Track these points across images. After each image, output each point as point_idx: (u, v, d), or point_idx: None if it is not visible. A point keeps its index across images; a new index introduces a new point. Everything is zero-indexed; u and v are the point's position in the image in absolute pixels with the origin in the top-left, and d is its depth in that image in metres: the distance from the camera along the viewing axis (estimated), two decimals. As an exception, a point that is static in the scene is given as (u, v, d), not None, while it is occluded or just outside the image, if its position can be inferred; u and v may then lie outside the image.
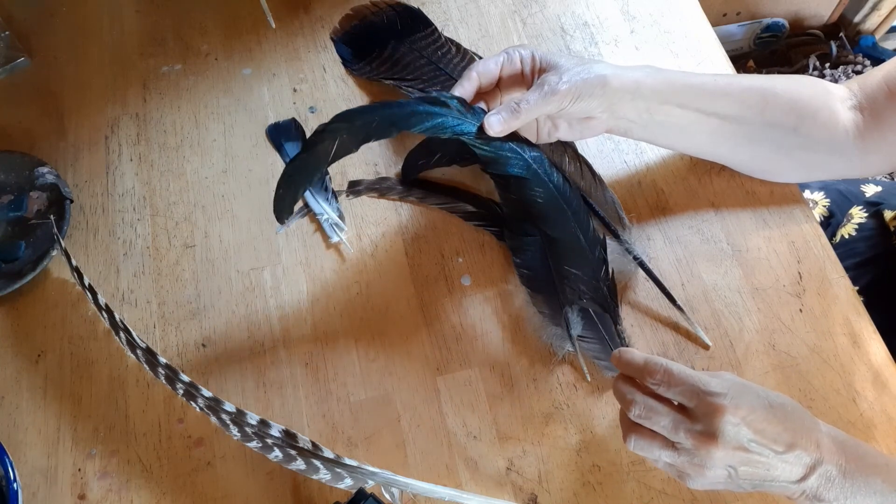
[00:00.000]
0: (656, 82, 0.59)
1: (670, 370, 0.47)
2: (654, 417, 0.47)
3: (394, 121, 0.55)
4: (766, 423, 0.46)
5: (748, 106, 0.60)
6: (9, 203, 0.69)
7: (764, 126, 0.61)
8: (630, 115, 0.59)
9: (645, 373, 0.48)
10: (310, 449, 0.54)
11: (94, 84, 0.77)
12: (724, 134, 0.61)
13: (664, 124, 0.60)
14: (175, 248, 0.68)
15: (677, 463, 0.47)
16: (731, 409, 0.45)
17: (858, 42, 1.60)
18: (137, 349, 0.59)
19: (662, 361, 0.48)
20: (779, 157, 0.63)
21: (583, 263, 0.61)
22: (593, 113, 0.59)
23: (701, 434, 0.45)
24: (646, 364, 0.48)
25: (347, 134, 0.54)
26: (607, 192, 0.66)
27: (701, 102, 0.60)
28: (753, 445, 0.45)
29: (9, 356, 0.64)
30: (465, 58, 0.72)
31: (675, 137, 0.63)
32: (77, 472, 0.59)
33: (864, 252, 0.80)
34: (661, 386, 0.47)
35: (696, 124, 0.61)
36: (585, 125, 0.60)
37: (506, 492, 0.57)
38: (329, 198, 0.68)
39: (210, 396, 0.56)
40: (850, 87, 0.63)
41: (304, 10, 0.80)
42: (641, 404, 0.48)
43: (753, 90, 0.61)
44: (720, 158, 0.66)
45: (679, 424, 0.46)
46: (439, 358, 0.62)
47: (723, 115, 0.60)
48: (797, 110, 0.60)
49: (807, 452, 0.46)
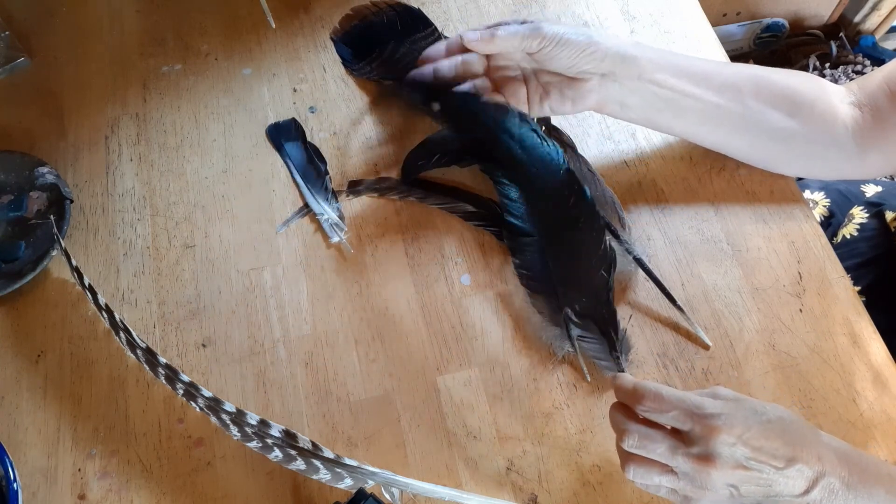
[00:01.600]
0: (646, 51, 0.59)
1: (660, 394, 0.47)
2: (649, 446, 0.47)
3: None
4: (764, 439, 0.45)
5: (740, 87, 0.60)
6: (9, 203, 0.69)
7: (760, 110, 0.60)
8: (623, 83, 0.59)
9: (635, 399, 0.47)
10: (310, 449, 0.54)
11: (94, 84, 0.77)
12: (719, 115, 0.61)
13: (657, 96, 0.60)
14: (175, 248, 0.68)
15: (678, 488, 0.47)
16: (725, 429, 0.45)
17: (858, 42, 1.60)
18: (137, 349, 0.59)
19: (652, 386, 0.47)
20: (777, 146, 0.62)
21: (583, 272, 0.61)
22: (583, 71, 0.58)
23: (698, 457, 0.45)
24: (635, 390, 0.48)
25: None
26: (607, 192, 0.66)
27: (693, 77, 0.60)
28: (752, 463, 0.45)
29: (9, 356, 0.64)
30: (465, 58, 0.72)
31: (671, 115, 0.62)
32: (77, 472, 0.59)
33: (866, 252, 0.80)
34: (652, 412, 0.47)
35: (689, 99, 0.60)
36: (576, 92, 0.60)
37: (506, 492, 0.57)
38: (329, 198, 0.68)
39: (210, 396, 0.56)
40: (849, 87, 0.63)
41: (304, 10, 0.80)
42: (635, 434, 0.47)
43: (745, 73, 0.61)
44: (720, 145, 0.65)
45: (675, 450, 0.46)
46: (439, 358, 0.62)
47: (716, 91, 0.60)
48: (792, 97, 0.60)
49: (808, 466, 0.45)
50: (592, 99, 0.60)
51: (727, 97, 0.60)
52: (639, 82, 0.59)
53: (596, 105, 0.62)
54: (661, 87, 0.59)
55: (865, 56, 1.59)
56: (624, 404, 0.49)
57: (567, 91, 0.60)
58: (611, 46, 0.58)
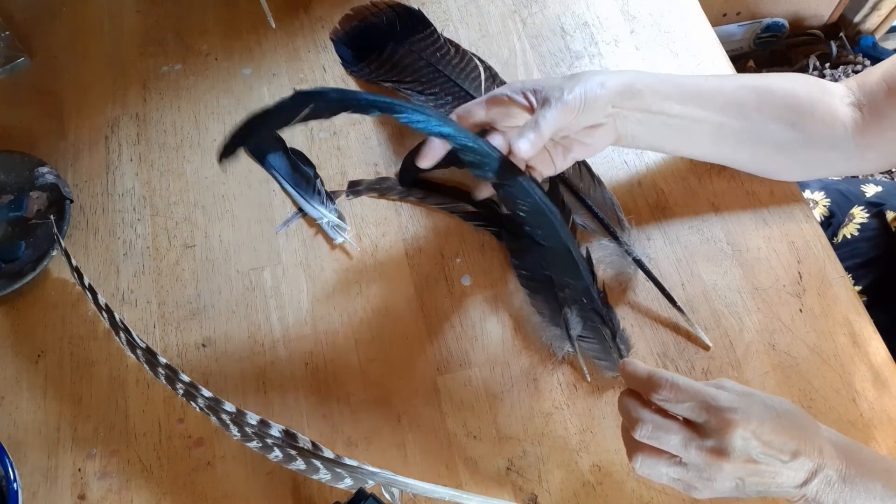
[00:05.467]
0: (649, 80, 0.59)
1: (677, 384, 0.46)
2: (662, 437, 0.46)
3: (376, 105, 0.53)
4: (774, 433, 0.45)
5: (743, 103, 0.60)
6: (9, 203, 0.69)
7: (762, 123, 0.60)
8: (634, 116, 0.59)
9: (650, 387, 0.47)
10: (310, 449, 0.54)
11: (94, 84, 0.77)
12: (724, 133, 0.61)
13: (667, 125, 0.60)
14: (175, 248, 0.68)
15: (684, 478, 0.47)
16: (742, 423, 0.45)
17: (858, 42, 1.60)
18: (137, 349, 0.59)
19: (668, 375, 0.47)
20: (780, 155, 0.63)
21: (574, 275, 0.61)
22: (599, 118, 0.59)
23: (711, 450, 0.45)
24: (650, 378, 0.47)
25: (325, 103, 0.52)
26: (606, 193, 0.66)
27: (697, 100, 0.60)
28: (762, 457, 0.45)
29: (9, 356, 0.64)
30: (464, 59, 0.72)
31: (679, 140, 0.63)
32: (77, 472, 0.59)
33: (867, 252, 0.80)
34: (668, 402, 0.46)
35: (697, 123, 0.60)
36: (595, 137, 0.60)
37: (506, 492, 0.57)
38: (324, 201, 0.68)
39: (210, 396, 0.56)
40: (848, 85, 0.63)
41: (304, 10, 0.80)
42: (649, 423, 0.46)
43: (747, 88, 0.61)
44: (724, 160, 0.66)
45: (689, 442, 0.45)
46: (439, 358, 0.62)
47: (720, 111, 0.60)
48: (794, 106, 0.61)
49: (810, 458, 0.46)
50: (609, 138, 0.61)
51: (731, 115, 0.60)
52: (647, 115, 0.59)
53: (612, 141, 0.62)
54: (668, 116, 0.60)
55: (865, 56, 1.59)
56: (635, 391, 0.49)
57: (586, 140, 0.60)
58: (614, 87, 0.57)
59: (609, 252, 0.64)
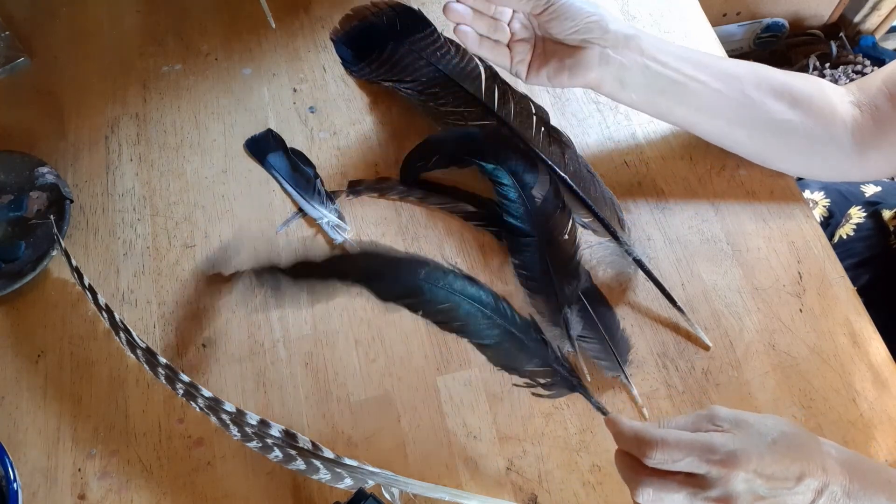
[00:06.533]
0: (648, 35, 0.60)
1: (667, 442, 0.44)
2: (665, 498, 0.45)
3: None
4: (775, 463, 0.44)
5: (740, 76, 0.61)
6: (9, 203, 0.69)
7: (759, 100, 0.60)
8: (625, 57, 0.58)
9: (639, 451, 0.45)
10: (310, 449, 0.54)
11: (94, 84, 0.77)
12: (720, 103, 0.61)
13: (659, 76, 0.59)
14: (175, 248, 0.68)
15: None
16: (742, 466, 0.44)
17: (858, 42, 1.60)
18: (137, 349, 0.59)
19: (656, 434, 0.45)
20: (775, 139, 0.62)
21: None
22: (585, 40, 0.58)
23: (718, 500, 0.44)
24: (637, 438, 0.45)
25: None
26: (606, 193, 0.66)
27: (696, 64, 0.60)
28: (768, 492, 0.44)
29: (9, 356, 0.64)
30: (464, 59, 0.72)
31: (670, 99, 0.61)
32: (77, 472, 0.59)
33: (862, 252, 0.80)
34: (663, 465, 0.45)
35: (690, 83, 0.60)
36: (576, 62, 0.59)
37: (506, 492, 0.57)
38: (324, 201, 0.68)
39: (210, 396, 0.56)
40: (849, 88, 0.63)
41: (304, 10, 0.80)
42: (649, 488, 0.45)
43: (745, 65, 0.62)
44: (720, 135, 0.65)
45: (694, 498, 0.45)
46: (439, 358, 0.62)
47: (716, 78, 0.60)
48: (792, 91, 0.61)
49: (814, 478, 0.45)
50: (592, 73, 0.59)
51: (728, 85, 0.60)
52: (641, 59, 0.58)
53: (595, 81, 0.60)
54: (663, 66, 0.59)
55: (865, 56, 1.59)
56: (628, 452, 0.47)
57: (566, 60, 0.59)
58: (614, 21, 0.58)
59: (609, 252, 0.64)
